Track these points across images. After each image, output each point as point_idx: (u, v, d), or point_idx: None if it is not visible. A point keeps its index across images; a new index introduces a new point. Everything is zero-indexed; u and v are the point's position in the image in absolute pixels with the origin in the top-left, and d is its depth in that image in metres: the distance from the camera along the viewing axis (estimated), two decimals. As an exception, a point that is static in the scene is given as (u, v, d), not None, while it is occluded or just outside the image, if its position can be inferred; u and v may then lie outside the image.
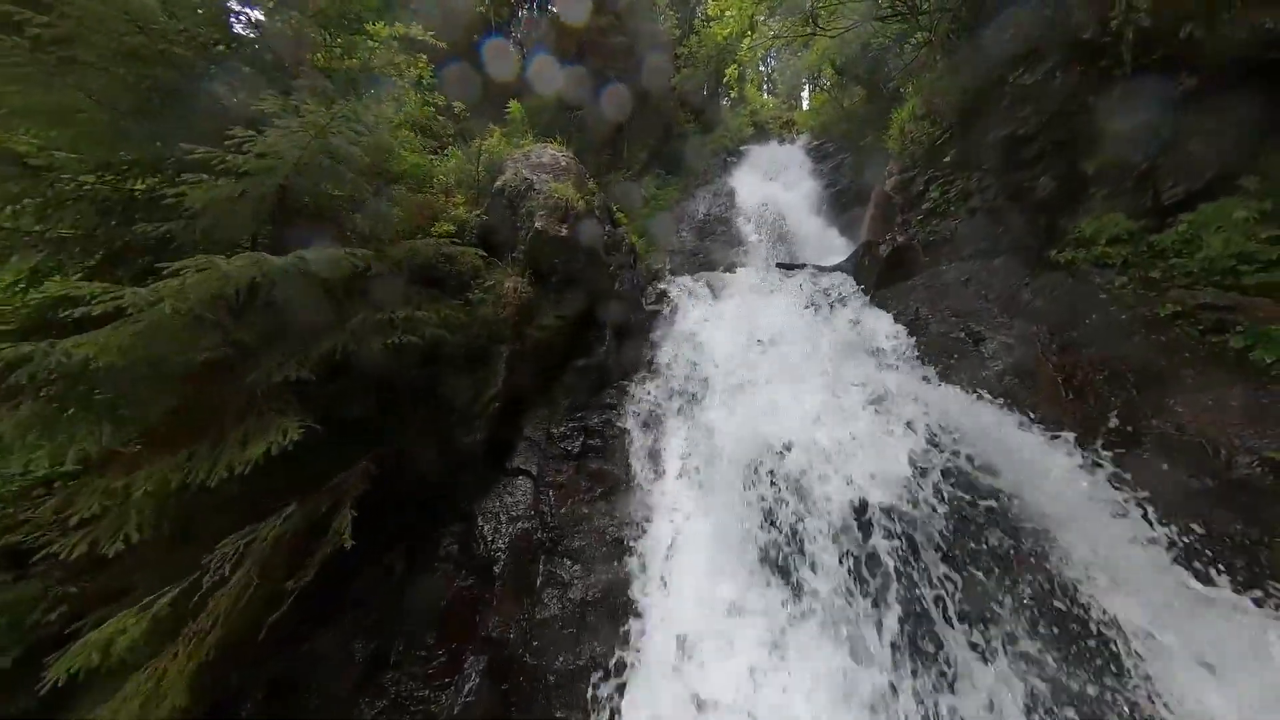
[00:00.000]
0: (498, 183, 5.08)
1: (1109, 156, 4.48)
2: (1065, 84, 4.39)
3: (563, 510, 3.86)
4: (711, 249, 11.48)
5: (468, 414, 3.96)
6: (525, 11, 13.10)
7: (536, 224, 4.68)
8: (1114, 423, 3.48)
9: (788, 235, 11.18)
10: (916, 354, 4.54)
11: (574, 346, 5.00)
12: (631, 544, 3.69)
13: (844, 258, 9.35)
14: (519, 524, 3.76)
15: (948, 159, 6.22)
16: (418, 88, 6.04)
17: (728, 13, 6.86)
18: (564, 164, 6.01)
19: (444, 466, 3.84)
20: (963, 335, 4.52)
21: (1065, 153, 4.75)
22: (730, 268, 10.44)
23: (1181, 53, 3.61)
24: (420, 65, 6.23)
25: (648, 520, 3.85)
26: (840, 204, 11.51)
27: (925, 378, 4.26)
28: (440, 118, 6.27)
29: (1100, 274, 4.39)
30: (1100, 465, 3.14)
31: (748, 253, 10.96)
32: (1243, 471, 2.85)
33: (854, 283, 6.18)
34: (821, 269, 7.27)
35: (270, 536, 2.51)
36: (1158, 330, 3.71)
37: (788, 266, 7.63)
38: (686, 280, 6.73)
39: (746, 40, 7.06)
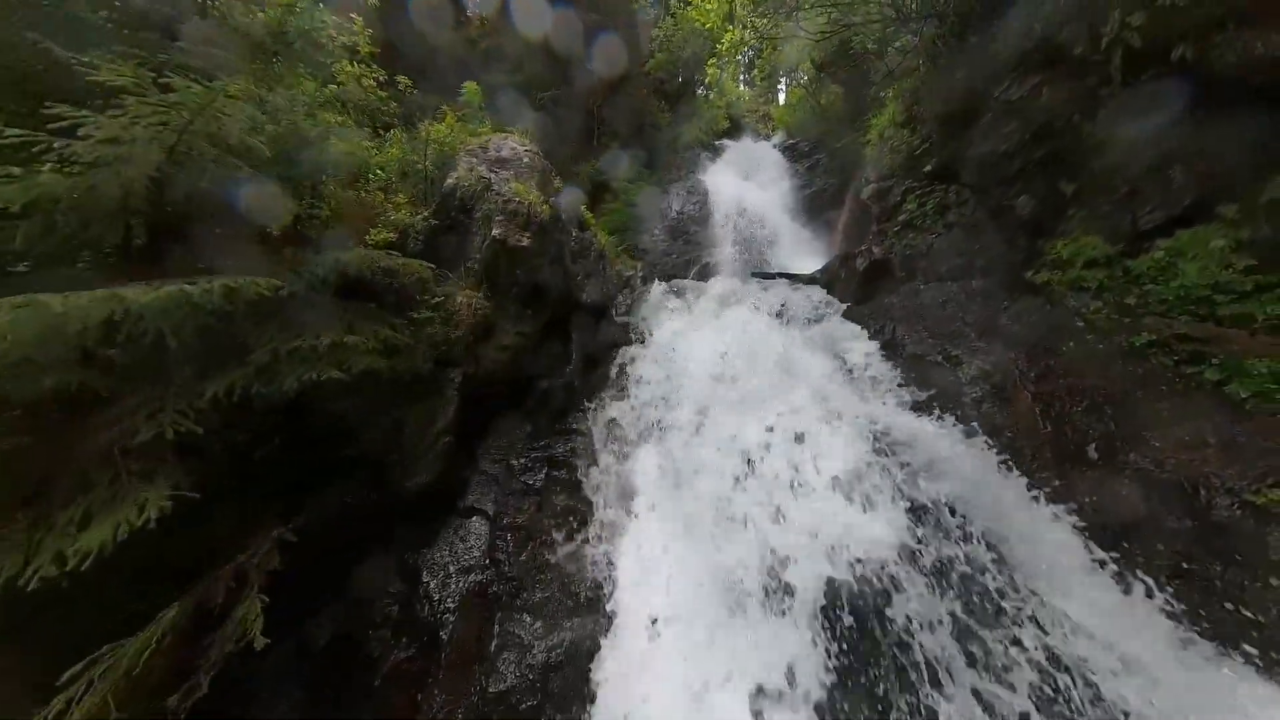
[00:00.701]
0: (449, 180, 4.44)
1: (1090, 178, 4.42)
2: (1052, 100, 4.26)
3: (523, 556, 3.43)
4: (685, 249, 11.11)
5: (412, 452, 3.42)
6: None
7: (494, 232, 4.11)
8: (1093, 455, 3.42)
9: (763, 237, 10.99)
10: (896, 378, 4.38)
11: (537, 366, 4.52)
12: (601, 591, 3.32)
13: (819, 263, 9.24)
14: (472, 576, 3.31)
15: (927, 169, 6.09)
16: (352, 57, 5.20)
17: (708, 4, 6.42)
18: (527, 160, 5.42)
19: (383, 513, 3.30)
20: (940, 359, 4.40)
21: (1046, 172, 4.67)
22: (705, 269, 10.17)
23: (1173, 74, 3.51)
24: (358, 29, 5.38)
25: (617, 563, 3.48)
26: (815, 206, 11.41)
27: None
28: (380, 92, 5.43)
29: (1076, 297, 4.36)
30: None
31: (722, 255, 10.69)
32: (1223, 514, 2.80)
33: (830, 296, 6.00)
34: (797, 278, 7.08)
35: (146, 650, 1.94)
36: (1135, 361, 3.67)
37: (765, 275, 7.41)
38: (659, 289, 6.34)
39: (728, 36, 6.64)
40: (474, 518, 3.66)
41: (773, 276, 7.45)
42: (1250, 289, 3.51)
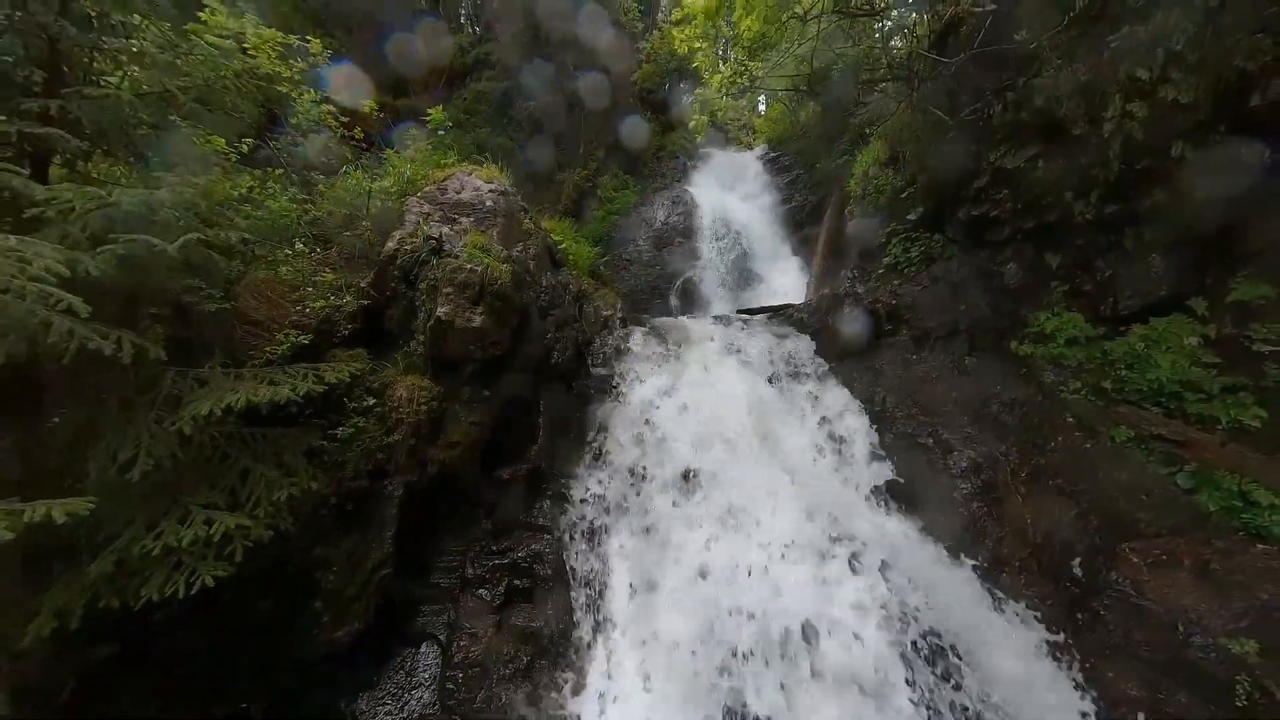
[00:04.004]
0: (389, 245, 3.83)
1: (1074, 253, 4.32)
2: (1047, 174, 4.07)
3: (476, 701, 3.08)
4: (670, 261, 10.95)
5: (339, 595, 2.97)
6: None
7: (440, 310, 3.58)
8: (1076, 571, 3.38)
9: (745, 251, 10.87)
10: (889, 468, 4.26)
11: (496, 455, 4.08)
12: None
13: (799, 279, 9.23)
14: (417, 730, 2.96)
15: (912, 215, 5.89)
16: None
17: (694, 45, 5.97)
18: (490, 203, 4.86)
19: (299, 669, 2.86)
20: (931, 442, 4.28)
21: (1034, 241, 4.54)
22: (689, 284, 10.05)
23: (1165, 167, 3.37)
24: (315, 49, 4.50)
25: (587, 700, 3.21)
26: (795, 221, 11.33)
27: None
28: (340, 117, 4.63)
29: (1055, 373, 4.31)
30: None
31: (706, 269, 10.57)
32: (1197, 654, 2.79)
33: (816, 347, 5.80)
34: (782, 312, 6.86)
35: None
36: (1119, 464, 3.63)
37: (749, 311, 7.18)
38: (639, 335, 5.98)
39: (717, 78, 6.20)
40: (424, 645, 3.27)
41: (757, 312, 7.23)
42: (1217, 390, 3.52)
